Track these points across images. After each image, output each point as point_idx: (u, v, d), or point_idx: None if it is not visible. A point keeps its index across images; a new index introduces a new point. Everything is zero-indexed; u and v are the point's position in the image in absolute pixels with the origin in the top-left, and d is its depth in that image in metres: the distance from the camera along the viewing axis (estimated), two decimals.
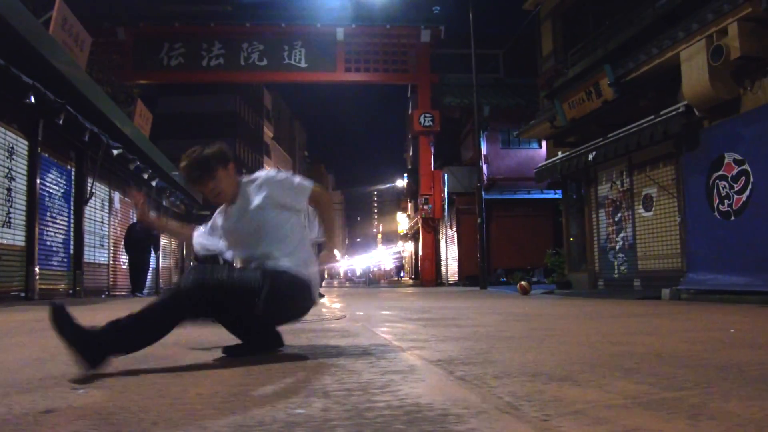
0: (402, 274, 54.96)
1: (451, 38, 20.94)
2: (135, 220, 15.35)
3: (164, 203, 18.52)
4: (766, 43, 7.75)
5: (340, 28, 19.83)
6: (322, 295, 10.74)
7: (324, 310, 6.85)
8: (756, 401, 1.69)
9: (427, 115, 19.72)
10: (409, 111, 21.13)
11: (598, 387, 1.92)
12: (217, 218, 3.04)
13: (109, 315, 2.47)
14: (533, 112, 18.16)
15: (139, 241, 13.57)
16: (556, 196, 18.71)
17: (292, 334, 3.60)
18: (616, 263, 11.89)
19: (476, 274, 16.78)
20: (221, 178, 2.85)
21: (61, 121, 9.42)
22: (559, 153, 13.22)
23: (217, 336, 3.30)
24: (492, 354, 2.79)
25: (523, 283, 11.94)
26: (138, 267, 13.62)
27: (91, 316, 5.87)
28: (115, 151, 12.01)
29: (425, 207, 20.65)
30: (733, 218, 8.09)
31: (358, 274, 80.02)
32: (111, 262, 13.68)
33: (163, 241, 17.44)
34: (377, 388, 1.97)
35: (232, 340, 2.92)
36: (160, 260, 17.76)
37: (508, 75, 23.31)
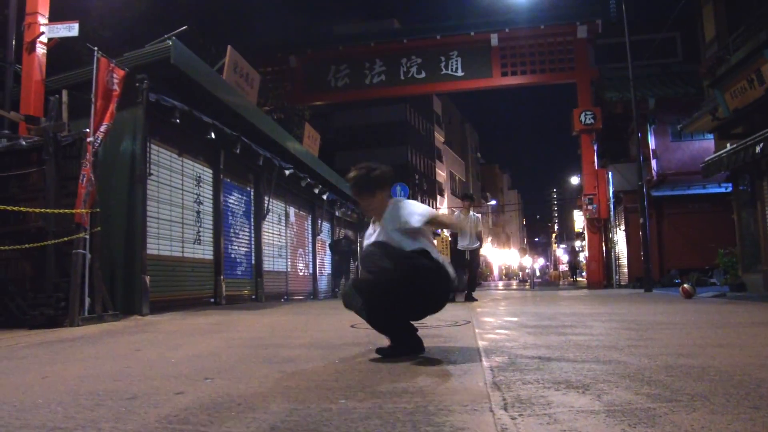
0: (583, 273, 52.75)
1: (621, 24, 20.07)
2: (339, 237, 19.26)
3: (337, 213, 20.11)
4: None
5: (494, 34, 20.09)
6: (474, 299, 11.08)
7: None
8: None
9: (588, 112, 19.21)
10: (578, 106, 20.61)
11: None
12: (369, 227, 3.75)
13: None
14: (702, 101, 16.92)
15: (344, 253, 17.95)
16: None
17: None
18: None
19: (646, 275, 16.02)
20: (377, 198, 3.55)
21: (238, 151, 10.96)
22: (728, 145, 12.35)
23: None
24: None
25: (686, 286, 11.36)
26: (341, 272, 17.72)
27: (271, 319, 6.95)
28: (287, 171, 13.56)
29: (590, 207, 20.08)
30: None
31: (538, 274, 77.33)
32: (289, 269, 15.28)
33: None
34: None
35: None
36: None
37: (686, 60, 21.80)
